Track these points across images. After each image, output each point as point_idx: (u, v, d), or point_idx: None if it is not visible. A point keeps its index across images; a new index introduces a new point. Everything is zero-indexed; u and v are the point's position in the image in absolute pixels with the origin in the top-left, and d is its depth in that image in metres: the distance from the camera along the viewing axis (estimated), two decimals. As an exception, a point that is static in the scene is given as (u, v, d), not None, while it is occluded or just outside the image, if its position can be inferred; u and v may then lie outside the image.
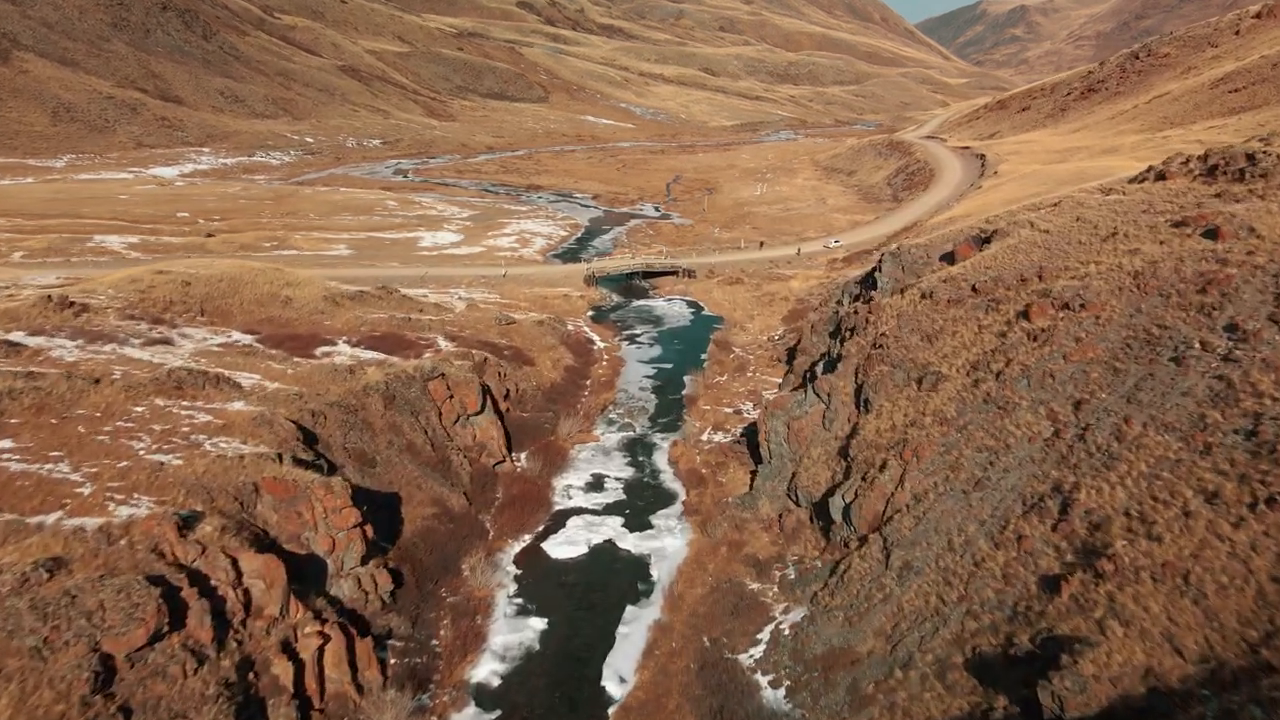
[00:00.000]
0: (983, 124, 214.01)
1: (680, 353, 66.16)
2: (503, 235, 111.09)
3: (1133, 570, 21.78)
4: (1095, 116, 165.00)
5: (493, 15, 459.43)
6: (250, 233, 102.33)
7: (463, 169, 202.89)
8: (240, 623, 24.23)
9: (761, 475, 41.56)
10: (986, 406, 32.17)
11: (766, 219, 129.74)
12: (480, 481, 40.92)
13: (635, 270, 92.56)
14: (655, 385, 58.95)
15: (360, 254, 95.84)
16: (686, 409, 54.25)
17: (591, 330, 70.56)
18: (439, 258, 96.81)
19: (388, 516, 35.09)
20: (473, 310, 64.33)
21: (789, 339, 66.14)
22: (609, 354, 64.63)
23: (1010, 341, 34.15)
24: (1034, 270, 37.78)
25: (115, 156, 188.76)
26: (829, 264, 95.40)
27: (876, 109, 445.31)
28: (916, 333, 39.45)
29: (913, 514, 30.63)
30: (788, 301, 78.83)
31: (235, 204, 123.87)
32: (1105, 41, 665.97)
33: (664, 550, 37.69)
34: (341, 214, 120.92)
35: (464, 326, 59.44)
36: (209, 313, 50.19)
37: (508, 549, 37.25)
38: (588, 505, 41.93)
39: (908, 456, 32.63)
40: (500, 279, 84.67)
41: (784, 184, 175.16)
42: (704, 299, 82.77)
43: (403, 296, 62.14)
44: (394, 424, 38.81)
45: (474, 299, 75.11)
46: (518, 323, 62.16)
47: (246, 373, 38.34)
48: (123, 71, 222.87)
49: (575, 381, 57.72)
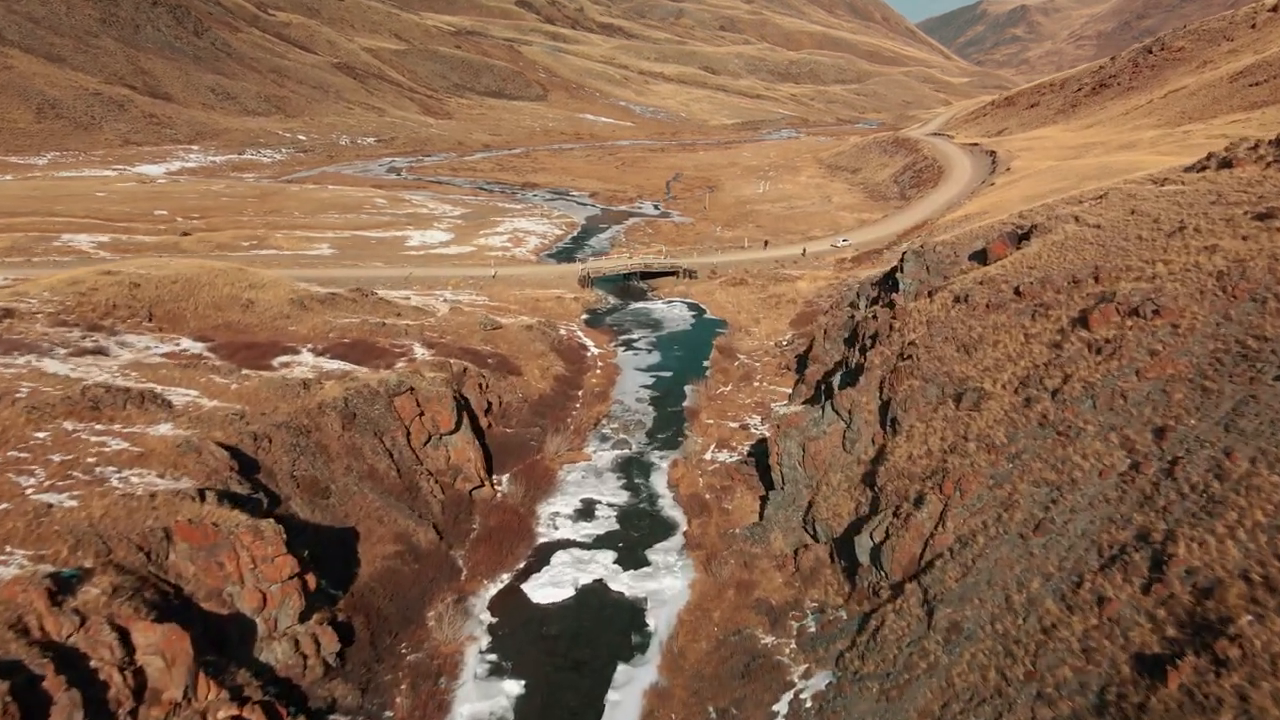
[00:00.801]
0: (990, 121, 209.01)
1: (681, 360, 61.21)
2: (495, 234, 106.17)
3: (1269, 660, 16.83)
4: (1108, 112, 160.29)
5: (491, 14, 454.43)
6: (229, 231, 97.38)
7: (458, 167, 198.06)
8: (128, 714, 19.28)
9: (773, 503, 36.63)
10: (1043, 431, 27.21)
11: (770, 217, 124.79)
12: (453, 511, 35.97)
13: (633, 271, 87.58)
14: (654, 396, 54.00)
15: (343, 253, 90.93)
16: (688, 423, 49.31)
17: (585, 335, 65.59)
18: (427, 257, 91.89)
19: (341, 556, 30.16)
20: (456, 314, 59.39)
21: (798, 345, 61.20)
22: (604, 361, 59.68)
23: (1067, 354, 29.18)
24: (1088, 270, 32.81)
25: (101, 154, 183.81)
26: (837, 264, 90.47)
27: (879, 108, 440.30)
28: (951, 342, 34.49)
29: (958, 561, 25.69)
30: (795, 304, 73.89)
31: (217, 202, 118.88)
32: (1106, 41, 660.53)
33: (662, 593, 32.74)
34: (328, 212, 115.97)
35: (445, 332, 54.52)
36: (159, 318, 45.24)
37: (482, 592, 32.28)
38: (576, 537, 36.98)
39: (949, 490, 27.69)
40: (490, 280, 79.77)
41: (787, 182, 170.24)
42: (706, 301, 77.77)
43: (379, 299, 57.18)
44: (353, 446, 33.85)
45: (460, 301, 70.20)
46: (504, 327, 57.20)
47: (183, 388, 33.39)
48: (111, 68, 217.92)
49: (566, 392, 52.76)
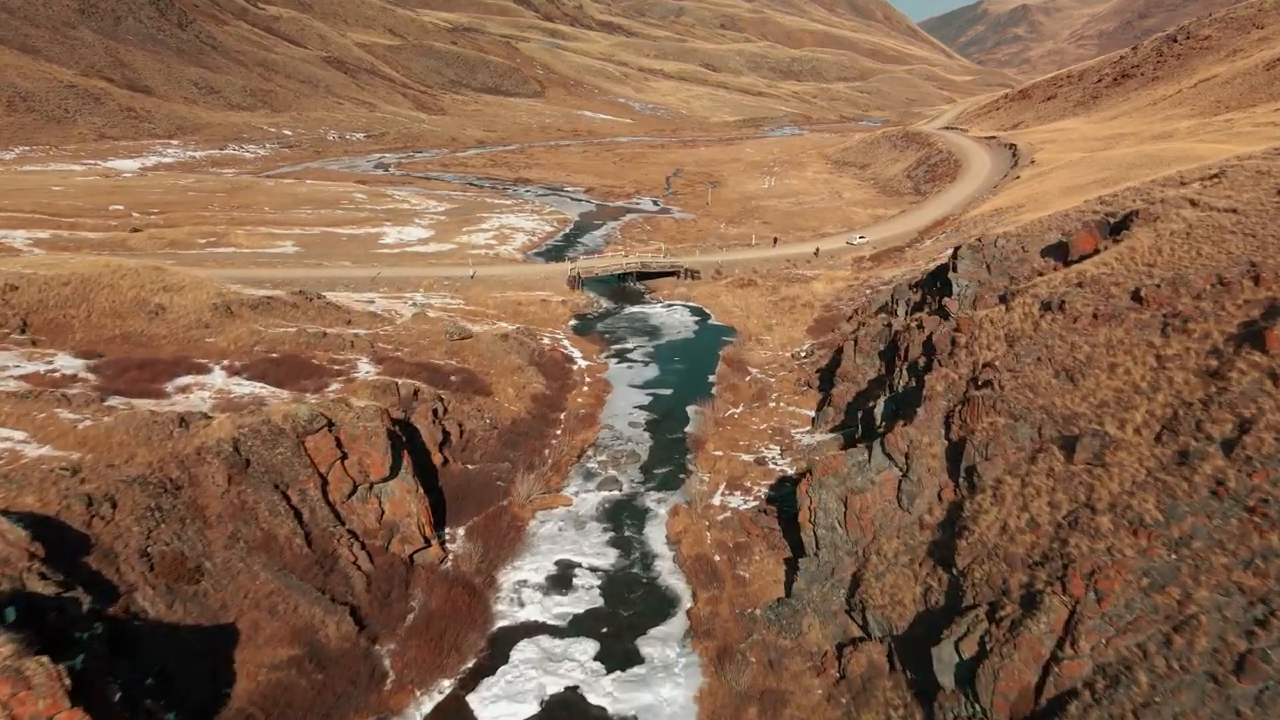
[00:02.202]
0: (1004, 114, 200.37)
1: (682, 374, 52.44)
2: (480, 231, 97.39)
3: None
4: (1133, 103, 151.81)
5: (489, 11, 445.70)
6: (186, 228, 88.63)
7: (448, 162, 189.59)
8: None
9: (805, 574, 27.91)
10: (1222, 506, 18.51)
11: (777, 213, 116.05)
12: (384, 586, 27.23)
13: (629, 271, 78.72)
14: (650, 419, 45.20)
15: (309, 251, 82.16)
16: (691, 454, 40.51)
17: (572, 344, 56.77)
18: (402, 256, 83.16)
19: (207, 671, 21.45)
20: (419, 321, 50.61)
21: (819, 357, 52.46)
22: (592, 376, 50.91)
23: (1238, 388, 20.50)
24: (1241, 269, 24.12)
25: (73, 148, 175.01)
26: (855, 263, 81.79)
27: (882, 105, 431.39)
28: (1046, 364, 25.78)
29: (1106, 710, 16.99)
30: (812, 308, 65.16)
31: (183, 196, 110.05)
32: (1108, 41, 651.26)
33: (658, 710, 24.04)
34: (301, 207, 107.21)
35: (402, 343, 45.83)
36: (37, 327, 36.61)
37: (411, 710, 23.58)
38: (547, 618, 28.24)
39: (1076, 588, 18.97)
40: (468, 281, 71.03)
41: (793, 177, 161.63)
42: (710, 305, 68.96)
43: (326, 304, 48.41)
44: (243, 506, 25.15)
45: (431, 305, 61.56)
46: (475, 337, 48.40)
47: (7, 429, 24.77)
48: (88, 60, 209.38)
49: (545, 415, 43.98)
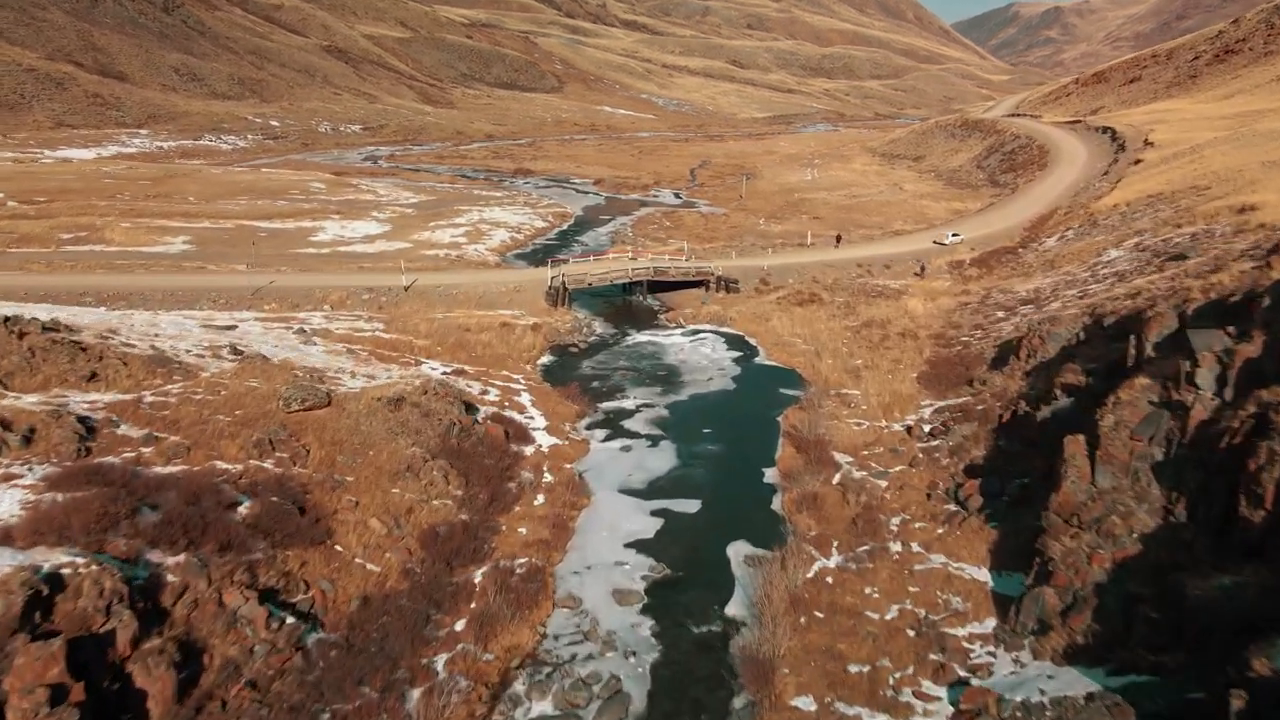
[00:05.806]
0: (1077, 100, 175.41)
1: (718, 464, 29.65)
2: (449, 226, 75.32)
3: None
4: (1249, 80, 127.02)
5: (508, 7, 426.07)
6: (57, 219, 67.39)
7: (447, 155, 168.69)
8: None
9: None
10: None
11: (829, 207, 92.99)
12: None
13: (636, 280, 55.87)
14: (655, 582, 22.38)
15: (201, 251, 60.46)
16: (748, 703, 17.88)
17: (533, 403, 34.00)
18: (328, 258, 61.24)
19: None
20: (245, 374, 28.31)
21: (960, 435, 29.32)
22: (557, 471, 28.22)
23: None
24: None
25: (23, 136, 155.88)
26: (953, 270, 58.71)
27: (918, 103, 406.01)
28: None
29: None
30: (915, 339, 41.96)
31: (93, 184, 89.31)
32: (1145, 43, 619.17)
33: None
34: (237, 198, 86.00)
35: (185, 418, 23.56)
36: None
37: None
38: None
39: None
40: (400, 294, 48.82)
41: (839, 169, 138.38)
42: (757, 332, 45.80)
43: (54, 341, 26.28)
44: None
45: (330, 330, 39.44)
46: (334, 404, 26.11)
47: None
48: (56, 42, 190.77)
49: (440, 582, 21.40)
